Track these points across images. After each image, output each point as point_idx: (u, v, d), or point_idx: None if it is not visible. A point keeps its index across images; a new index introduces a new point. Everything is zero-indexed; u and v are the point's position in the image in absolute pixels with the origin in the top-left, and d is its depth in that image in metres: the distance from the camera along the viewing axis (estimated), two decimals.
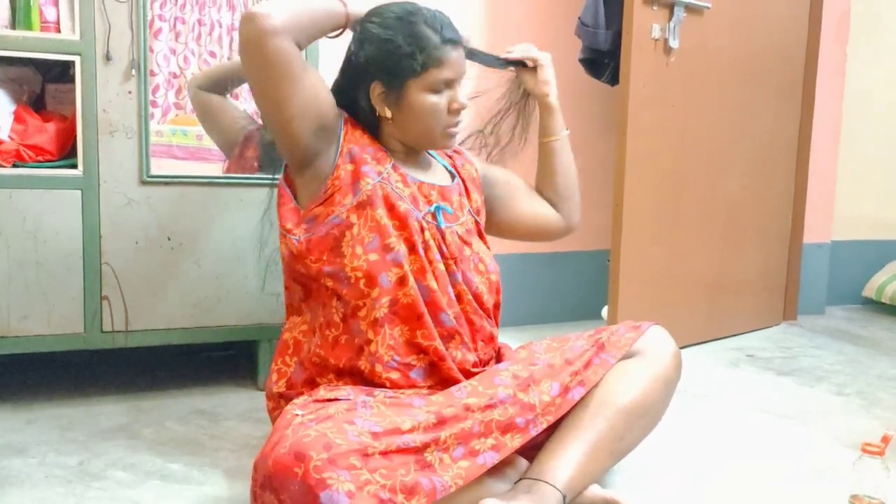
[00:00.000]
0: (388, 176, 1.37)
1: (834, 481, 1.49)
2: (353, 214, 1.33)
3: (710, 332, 2.60)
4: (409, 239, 1.35)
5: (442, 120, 1.38)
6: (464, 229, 1.44)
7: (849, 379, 2.21)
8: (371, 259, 1.32)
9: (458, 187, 1.49)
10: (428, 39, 1.34)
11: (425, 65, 1.33)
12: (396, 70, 1.34)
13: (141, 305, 1.80)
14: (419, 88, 1.35)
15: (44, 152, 1.74)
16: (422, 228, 1.37)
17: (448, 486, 1.15)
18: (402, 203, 1.36)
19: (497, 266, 1.49)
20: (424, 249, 1.36)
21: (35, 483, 1.41)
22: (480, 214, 1.53)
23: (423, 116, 1.37)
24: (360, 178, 1.34)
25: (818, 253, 3.07)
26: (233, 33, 1.85)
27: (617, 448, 1.34)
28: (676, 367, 1.43)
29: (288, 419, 1.18)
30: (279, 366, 1.43)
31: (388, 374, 1.33)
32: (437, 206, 1.40)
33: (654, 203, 2.35)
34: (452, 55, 1.36)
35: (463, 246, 1.42)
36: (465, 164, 1.55)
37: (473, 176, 1.55)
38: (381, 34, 1.34)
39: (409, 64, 1.33)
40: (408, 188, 1.39)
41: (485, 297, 1.43)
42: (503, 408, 1.26)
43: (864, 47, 3.11)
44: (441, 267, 1.37)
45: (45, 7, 1.69)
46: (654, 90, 2.30)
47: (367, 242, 1.32)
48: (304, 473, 1.06)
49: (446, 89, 1.37)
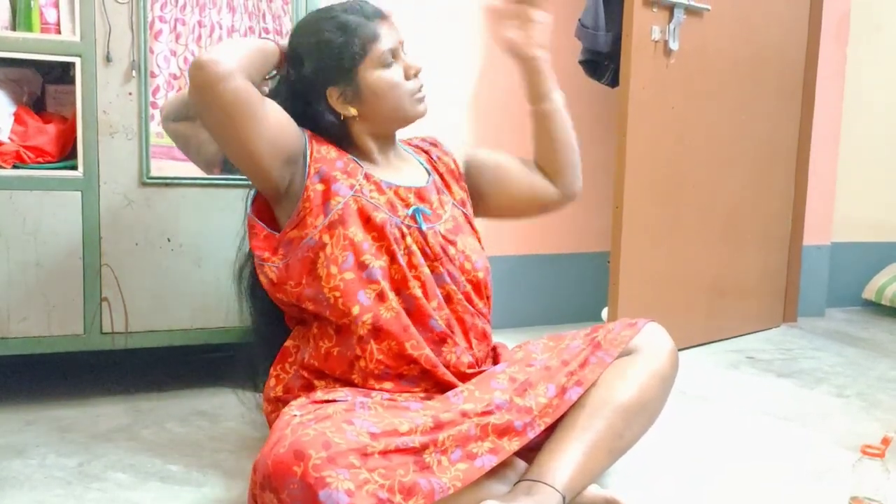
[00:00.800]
0: (360, 188, 1.36)
1: (834, 483, 1.49)
2: (326, 234, 1.33)
3: (710, 333, 2.60)
4: (388, 248, 1.34)
5: (404, 89, 1.39)
6: (447, 227, 1.43)
7: (849, 381, 2.21)
8: (347, 278, 1.32)
9: (434, 185, 1.47)
10: (354, 22, 1.35)
11: (363, 45, 1.35)
12: (341, 64, 1.35)
13: (141, 307, 1.80)
14: (369, 69, 1.36)
15: (44, 153, 1.74)
16: (402, 234, 1.36)
17: (446, 487, 1.15)
18: (379, 213, 1.35)
19: (485, 262, 1.48)
20: (407, 255, 1.35)
21: (34, 484, 1.41)
22: (466, 205, 1.51)
23: (385, 94, 1.37)
24: (331, 196, 1.34)
25: (818, 255, 3.07)
26: (233, 35, 1.85)
27: (616, 447, 1.33)
28: (673, 364, 1.43)
29: (286, 419, 1.18)
30: (278, 371, 1.43)
31: (382, 385, 1.33)
32: (415, 209, 1.39)
33: (653, 205, 2.35)
34: (383, 26, 1.37)
35: (447, 245, 1.41)
36: (441, 156, 1.54)
37: (452, 168, 1.53)
38: (310, 41, 1.36)
39: (348, 52, 1.35)
40: (383, 195, 1.38)
41: (473, 295, 1.43)
42: (500, 413, 1.26)
43: (864, 49, 3.11)
44: (426, 270, 1.36)
45: (45, 8, 1.69)
46: (654, 92, 2.30)
47: (341, 262, 1.32)
48: (304, 472, 1.06)
49: (394, 60, 1.38)
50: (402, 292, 1.34)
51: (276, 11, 1.90)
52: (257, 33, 1.88)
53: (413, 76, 1.40)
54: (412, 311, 1.34)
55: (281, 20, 1.90)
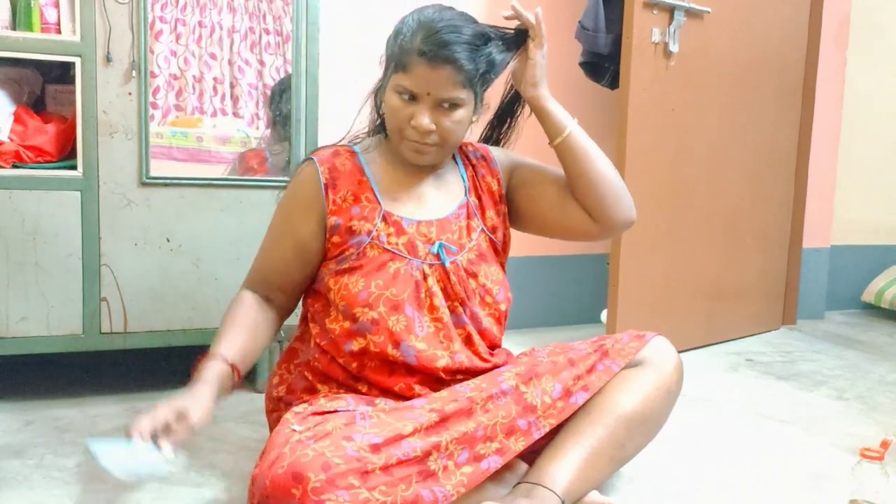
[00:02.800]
0: (378, 233, 1.34)
1: (833, 486, 1.49)
2: (332, 280, 1.34)
3: (710, 336, 2.60)
4: (395, 304, 1.32)
5: (402, 128, 1.31)
6: (469, 257, 1.39)
7: (848, 384, 2.21)
8: (345, 326, 1.33)
9: (466, 209, 1.42)
10: (410, 43, 1.27)
11: (397, 65, 1.30)
12: (388, 59, 1.33)
13: (140, 307, 1.80)
14: (390, 87, 1.32)
15: (43, 153, 1.74)
16: (424, 276, 1.34)
17: (450, 495, 1.15)
18: (393, 263, 1.33)
19: (507, 293, 1.44)
20: (428, 298, 1.34)
21: (32, 485, 1.40)
22: (497, 232, 1.45)
23: (388, 115, 1.34)
24: (346, 249, 1.34)
25: (817, 258, 3.07)
26: (234, 35, 1.85)
27: (617, 456, 1.33)
28: (678, 379, 1.42)
29: (286, 434, 1.17)
30: (282, 371, 1.43)
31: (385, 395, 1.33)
32: (439, 245, 1.36)
33: (653, 207, 2.35)
34: (420, 67, 1.26)
35: (468, 279, 1.38)
36: (486, 175, 1.46)
37: (493, 189, 1.46)
38: (398, 25, 1.33)
39: (391, 56, 1.32)
40: (403, 235, 1.35)
41: (494, 331, 1.41)
42: (506, 402, 1.26)
43: (864, 52, 3.12)
44: (446, 314, 1.35)
45: (45, 8, 1.69)
46: (654, 94, 2.30)
47: (341, 308, 1.33)
48: (303, 495, 1.06)
49: (410, 100, 1.29)
50: (403, 342, 1.31)
51: (276, 12, 1.90)
52: (258, 34, 1.88)
53: (414, 128, 1.30)
54: (413, 364, 1.32)
55: (281, 21, 1.90)
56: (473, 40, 1.28)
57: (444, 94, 1.28)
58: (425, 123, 1.29)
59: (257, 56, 1.93)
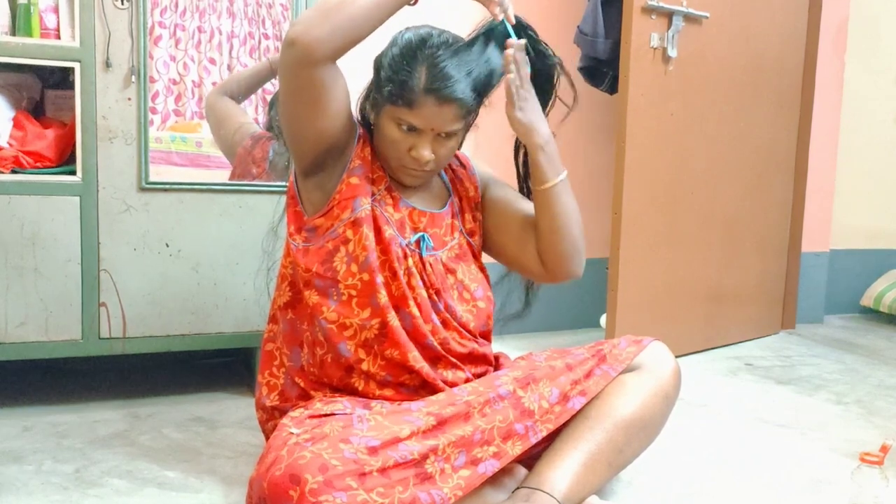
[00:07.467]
0: (380, 198, 1.35)
1: (833, 491, 1.49)
2: (350, 230, 1.32)
3: (709, 340, 2.60)
4: (391, 265, 1.32)
5: (401, 157, 1.32)
6: (449, 255, 1.40)
7: (847, 388, 2.21)
8: (364, 279, 1.31)
9: (450, 210, 1.44)
10: (414, 79, 1.26)
11: (397, 97, 1.27)
12: (380, 87, 1.32)
13: (138, 312, 1.80)
14: (389, 116, 1.30)
15: (43, 158, 1.74)
16: (405, 255, 1.34)
17: (447, 498, 1.15)
18: (388, 228, 1.33)
19: (486, 291, 1.45)
20: (407, 276, 1.34)
21: (31, 491, 1.40)
22: (475, 236, 1.47)
23: (384, 143, 1.34)
24: (359, 195, 1.32)
25: (816, 262, 3.07)
26: (233, 40, 1.85)
27: (615, 460, 1.33)
28: (676, 384, 1.43)
29: (283, 437, 1.17)
30: (267, 378, 1.42)
31: (383, 391, 1.33)
32: (421, 235, 1.37)
33: (652, 211, 2.36)
34: (428, 106, 1.26)
35: (446, 274, 1.39)
36: (464, 180, 1.49)
37: (471, 195, 1.48)
38: (394, 49, 1.31)
39: (388, 88, 1.29)
40: (398, 213, 1.36)
41: (472, 325, 1.41)
42: (503, 406, 1.26)
43: (863, 57, 3.12)
44: (423, 294, 1.35)
45: (45, 14, 1.69)
46: (653, 99, 2.30)
47: (361, 261, 1.30)
48: (300, 496, 1.06)
49: (412, 133, 1.30)
50: (401, 309, 1.32)
51: (275, 17, 1.90)
52: (257, 39, 1.89)
53: (414, 158, 1.31)
54: (409, 329, 1.33)
55: (280, 26, 1.91)
56: (475, 70, 1.29)
57: (447, 127, 1.30)
58: (427, 155, 1.30)
59: (256, 61, 1.93)
